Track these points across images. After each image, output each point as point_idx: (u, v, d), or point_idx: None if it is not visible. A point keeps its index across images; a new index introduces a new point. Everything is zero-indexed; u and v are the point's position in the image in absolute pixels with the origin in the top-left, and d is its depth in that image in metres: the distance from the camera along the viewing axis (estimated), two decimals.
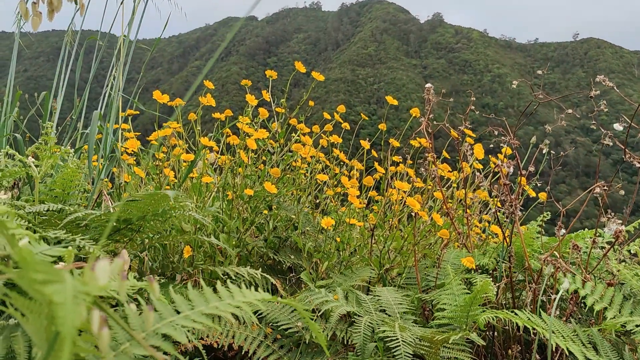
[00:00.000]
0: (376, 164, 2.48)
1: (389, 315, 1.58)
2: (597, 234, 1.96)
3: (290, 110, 2.59)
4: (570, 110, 1.58)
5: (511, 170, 1.67)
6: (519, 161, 1.78)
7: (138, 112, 2.28)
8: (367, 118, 2.68)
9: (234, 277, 1.56)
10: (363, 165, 2.67)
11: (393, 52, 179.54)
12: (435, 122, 2.10)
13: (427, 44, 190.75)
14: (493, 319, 1.48)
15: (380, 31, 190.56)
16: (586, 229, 2.45)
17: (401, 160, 2.66)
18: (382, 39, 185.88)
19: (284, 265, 2.39)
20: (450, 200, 2.42)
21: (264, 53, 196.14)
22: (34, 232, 1.15)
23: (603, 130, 1.48)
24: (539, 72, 1.65)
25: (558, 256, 1.60)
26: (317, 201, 2.76)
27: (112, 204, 1.63)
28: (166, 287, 1.35)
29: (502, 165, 1.67)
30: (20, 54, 2.41)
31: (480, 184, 2.34)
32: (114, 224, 1.22)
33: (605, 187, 1.51)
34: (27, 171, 1.67)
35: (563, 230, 1.63)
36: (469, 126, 2.18)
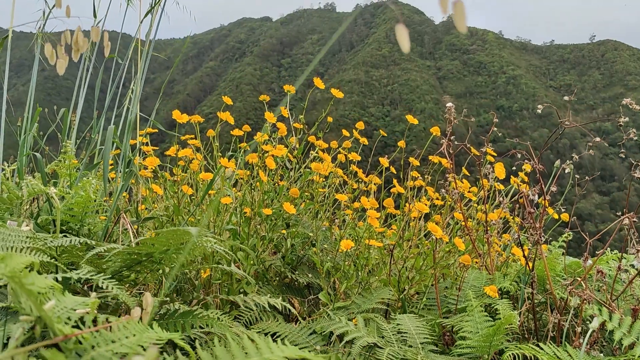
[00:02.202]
0: (395, 180, 2.46)
1: (411, 347, 1.55)
2: (621, 257, 1.92)
3: (305, 110, 2.58)
4: (598, 139, 1.54)
5: (536, 198, 1.64)
6: (542, 186, 1.75)
7: (156, 131, 2.27)
8: (385, 134, 2.65)
9: (249, 302, 1.55)
10: (381, 179, 2.64)
11: (407, 53, 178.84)
12: (456, 143, 2.07)
13: (442, 45, 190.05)
14: (518, 356, 1.45)
15: (394, 32, 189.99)
16: (609, 250, 2.40)
17: (419, 176, 2.63)
18: (396, 40, 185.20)
19: (301, 283, 2.37)
20: (470, 219, 2.39)
21: (277, 54, 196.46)
22: (56, 268, 1.14)
23: (633, 161, 1.44)
24: (566, 98, 1.62)
25: (584, 287, 1.56)
26: (335, 217, 2.74)
27: (131, 227, 1.62)
28: (187, 318, 1.34)
29: (526, 193, 1.64)
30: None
31: (502, 204, 2.30)
32: (135, 256, 1.21)
33: (634, 219, 1.48)
34: (46, 191, 1.66)
35: (590, 261, 1.59)
36: (491, 146, 2.15)
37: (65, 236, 1.24)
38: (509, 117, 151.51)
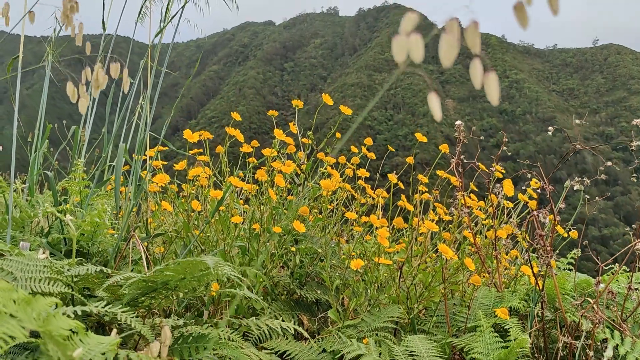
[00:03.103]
0: (403, 196, 2.46)
1: None
2: (632, 276, 1.92)
3: (307, 114, 2.60)
4: (609, 163, 1.55)
5: (547, 221, 1.64)
6: (552, 206, 1.75)
7: (167, 149, 2.28)
8: (393, 149, 2.66)
9: (263, 326, 1.55)
10: (389, 194, 2.65)
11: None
12: (465, 160, 2.08)
13: None
14: None
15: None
16: (617, 265, 2.40)
17: (426, 190, 2.63)
18: None
19: (309, 299, 2.38)
20: (479, 236, 2.39)
21: (280, 58, 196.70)
22: (72, 299, 1.15)
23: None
24: (577, 121, 1.62)
25: (596, 310, 1.56)
26: (342, 230, 2.74)
27: (143, 249, 1.63)
28: (200, 342, 1.34)
29: (537, 215, 1.64)
30: (42, 59, 2.42)
31: (511, 221, 2.31)
32: (150, 284, 1.21)
33: None
34: (58, 213, 1.67)
35: (602, 285, 1.59)
36: (501, 165, 2.15)
37: (80, 263, 1.25)
38: (512, 121, 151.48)
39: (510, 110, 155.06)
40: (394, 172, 2.43)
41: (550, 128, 1.68)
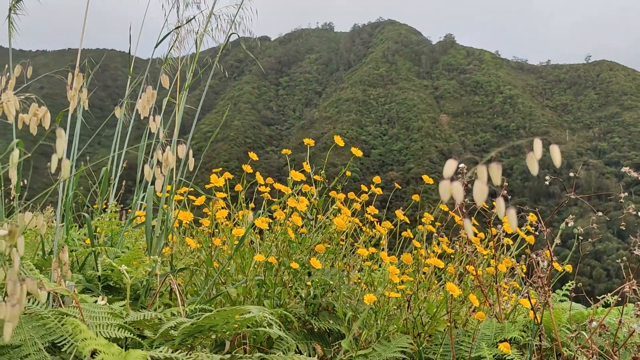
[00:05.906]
0: (409, 231, 2.63)
1: None
2: (622, 311, 2.09)
3: (302, 129, 2.77)
4: (600, 213, 1.72)
5: (545, 264, 1.81)
6: (550, 247, 1.92)
7: (192, 189, 2.45)
8: (400, 187, 2.83)
9: None
10: (396, 226, 2.81)
11: (404, 72, 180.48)
12: (468, 202, 2.24)
13: (439, 65, 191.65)
14: None
15: (392, 52, 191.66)
16: (609, 295, 2.57)
17: (430, 222, 2.80)
18: (394, 60, 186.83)
19: (322, 328, 2.53)
20: (479, 268, 2.56)
21: (276, 73, 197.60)
22: (125, 339, 1.31)
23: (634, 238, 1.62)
24: (572, 174, 1.80)
25: (590, 345, 1.73)
26: (351, 260, 2.91)
27: (178, 290, 1.78)
28: None
29: (536, 259, 1.81)
30: (37, 72, 2.57)
31: (510, 253, 2.48)
32: (198, 327, 1.37)
33: (634, 287, 1.65)
34: (118, 268, 1.83)
35: (595, 323, 1.76)
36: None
37: (133, 306, 1.41)
38: (505, 136, 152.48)
39: (504, 126, 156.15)
40: (402, 206, 2.59)
41: (547, 177, 1.86)
